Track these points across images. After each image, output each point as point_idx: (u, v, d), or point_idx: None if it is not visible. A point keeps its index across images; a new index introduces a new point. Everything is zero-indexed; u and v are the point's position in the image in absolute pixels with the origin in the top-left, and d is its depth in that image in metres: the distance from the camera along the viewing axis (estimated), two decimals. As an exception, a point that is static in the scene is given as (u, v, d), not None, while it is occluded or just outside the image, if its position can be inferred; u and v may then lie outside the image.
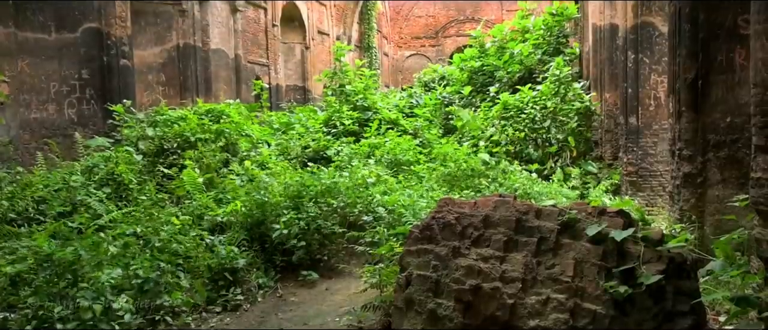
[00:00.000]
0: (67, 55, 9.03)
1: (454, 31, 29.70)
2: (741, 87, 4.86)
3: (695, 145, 5.05)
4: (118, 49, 9.40)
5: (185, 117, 8.52)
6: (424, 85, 17.39)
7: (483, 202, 3.79)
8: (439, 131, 12.17)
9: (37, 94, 8.87)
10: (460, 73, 15.25)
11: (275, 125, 11.31)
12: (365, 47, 23.73)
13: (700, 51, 5.03)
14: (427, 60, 28.63)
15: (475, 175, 7.85)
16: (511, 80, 13.57)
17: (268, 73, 15.92)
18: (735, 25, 4.94)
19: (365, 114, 11.67)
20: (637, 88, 8.60)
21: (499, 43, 15.20)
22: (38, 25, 8.89)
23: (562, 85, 10.79)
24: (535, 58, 13.57)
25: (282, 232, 5.78)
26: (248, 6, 14.77)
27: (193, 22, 12.09)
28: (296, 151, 9.56)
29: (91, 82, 9.12)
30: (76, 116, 9.03)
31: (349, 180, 6.74)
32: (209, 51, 12.50)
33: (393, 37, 29.85)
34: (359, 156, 8.94)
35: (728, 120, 4.94)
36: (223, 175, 7.46)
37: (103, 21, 9.21)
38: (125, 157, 7.11)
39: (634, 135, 8.72)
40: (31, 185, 6.21)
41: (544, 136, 10.18)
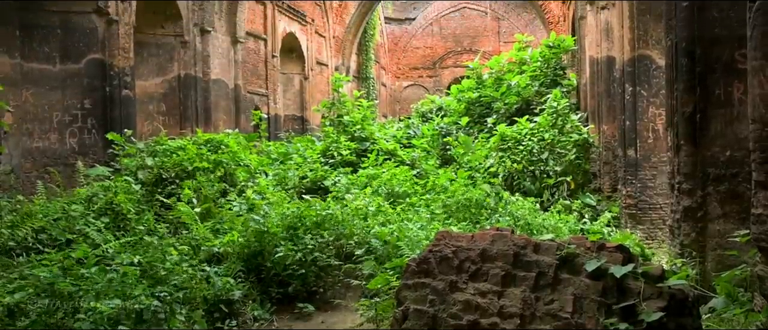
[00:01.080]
0: (70, 86, 9.13)
1: (452, 62, 30.00)
2: (740, 121, 4.89)
3: (695, 178, 5.05)
4: (121, 79, 9.49)
5: (184, 147, 8.54)
6: (421, 116, 17.48)
7: (480, 236, 3.78)
8: (436, 162, 12.19)
9: (39, 124, 8.93)
10: (458, 104, 15.35)
11: (273, 155, 11.33)
12: (363, 78, 23.92)
13: (697, 85, 5.07)
14: (425, 90, 28.85)
15: (473, 206, 7.84)
16: (508, 111, 13.65)
17: (267, 103, 16.01)
18: (732, 59, 5.00)
19: (363, 144, 11.71)
20: (635, 120, 8.64)
21: (497, 74, 15.34)
22: (43, 56, 9.00)
23: (559, 116, 10.86)
24: (533, 90, 13.67)
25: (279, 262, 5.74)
26: (249, 37, 14.93)
27: (194, 53, 12.21)
28: (294, 181, 9.56)
29: (93, 111, 9.20)
30: (78, 145, 9.07)
31: (346, 211, 6.73)
32: (209, 81, 12.60)
33: (391, 68, 30.12)
34: (356, 186, 8.94)
35: (728, 154, 4.96)
36: (221, 205, 7.44)
37: (107, 52, 9.33)
38: (124, 186, 7.10)
39: (632, 167, 8.73)
40: (31, 214, 6.18)
41: (542, 168, 10.19)
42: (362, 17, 22.21)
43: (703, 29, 5.09)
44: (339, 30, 21.44)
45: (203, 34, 12.55)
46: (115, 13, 9.50)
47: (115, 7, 9.50)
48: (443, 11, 30.10)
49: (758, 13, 3.26)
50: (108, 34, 9.43)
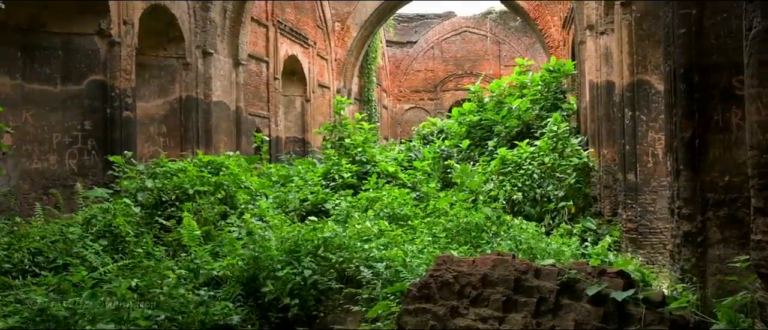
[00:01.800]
0: (71, 107, 9.15)
1: (453, 85, 30.16)
2: (738, 147, 4.90)
3: (694, 203, 5.04)
4: (122, 101, 9.53)
5: (185, 169, 8.54)
6: (422, 139, 17.52)
7: (482, 261, 3.76)
8: (437, 185, 12.19)
9: (39, 145, 8.93)
10: (459, 127, 15.39)
11: (274, 178, 11.33)
12: (365, 100, 24.03)
13: (696, 110, 5.09)
14: (426, 113, 28.95)
15: (474, 229, 7.81)
16: (509, 134, 13.69)
17: (268, 125, 16.06)
18: (730, 85, 5.02)
19: (364, 167, 11.72)
20: (634, 144, 8.66)
21: (498, 97, 15.42)
22: (45, 77, 9.04)
23: (559, 140, 10.88)
24: (533, 113, 13.73)
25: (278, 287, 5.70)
26: (251, 60, 15.03)
27: (196, 75, 12.28)
28: (294, 203, 9.55)
29: (93, 133, 9.21)
30: (77, 167, 9.07)
31: (347, 234, 6.70)
32: (211, 103, 12.65)
33: (392, 91, 30.27)
34: (357, 209, 8.92)
35: (727, 179, 4.96)
36: (221, 228, 7.42)
37: (109, 74, 9.38)
38: (123, 209, 7.09)
39: (632, 191, 8.72)
40: (28, 236, 6.17)
41: (543, 192, 10.19)
42: (364, 40, 22.39)
43: (701, 56, 5.12)
44: (341, 53, 21.60)
45: (205, 56, 12.63)
46: (118, 35, 9.58)
47: (118, 29, 9.58)
48: (444, 35, 30.35)
49: (754, 41, 3.28)
50: (110, 56, 9.49)
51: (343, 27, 21.60)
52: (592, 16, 11.73)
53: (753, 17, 3.37)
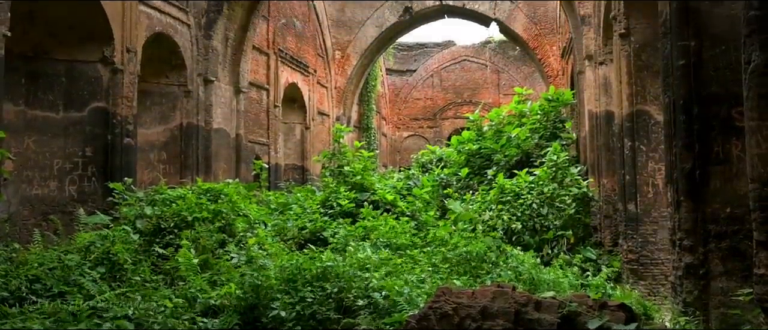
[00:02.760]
0: (72, 133, 9.18)
1: (452, 114, 30.29)
2: (739, 178, 4.90)
3: (696, 235, 5.03)
4: (123, 128, 9.56)
5: (184, 196, 8.53)
6: (421, 166, 17.54)
7: (481, 292, 3.73)
8: (436, 213, 12.16)
9: (40, 171, 8.94)
10: (458, 156, 15.42)
11: (273, 205, 11.30)
12: (364, 128, 24.12)
13: (696, 142, 5.11)
14: (425, 141, 29.03)
15: (474, 259, 7.77)
16: (508, 163, 13.70)
17: (268, 153, 16.09)
18: (729, 117, 5.05)
19: (363, 195, 11.70)
20: (634, 174, 8.66)
21: (497, 126, 15.47)
22: (47, 104, 9.09)
23: (559, 170, 10.90)
24: (532, 143, 13.76)
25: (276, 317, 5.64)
26: (251, 87, 15.12)
27: (197, 102, 12.34)
28: (293, 232, 9.51)
29: (94, 159, 9.22)
30: (77, 193, 9.06)
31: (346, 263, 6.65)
32: (211, 130, 12.69)
33: (392, 118, 30.40)
34: (355, 238, 8.88)
35: (728, 211, 4.95)
36: (219, 256, 7.38)
37: (111, 101, 9.43)
38: (122, 236, 7.06)
39: (633, 222, 8.69)
40: (26, 263, 6.13)
41: (542, 222, 10.16)
42: (364, 69, 22.56)
43: (700, 87, 5.16)
44: (341, 81, 21.75)
45: (207, 83, 12.71)
46: (121, 62, 9.64)
47: (121, 56, 9.66)
48: (444, 63, 30.59)
49: (753, 75, 3.32)
50: (112, 83, 9.54)
51: (344, 55, 21.79)
52: (590, 47, 11.85)
53: (752, 51, 3.41)
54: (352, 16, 21.90)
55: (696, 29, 5.18)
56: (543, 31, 19.91)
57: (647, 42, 8.74)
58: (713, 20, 5.18)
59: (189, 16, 12.12)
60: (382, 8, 21.82)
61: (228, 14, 13.32)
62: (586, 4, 12.02)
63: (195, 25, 12.35)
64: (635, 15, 8.73)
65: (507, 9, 20.60)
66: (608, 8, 9.78)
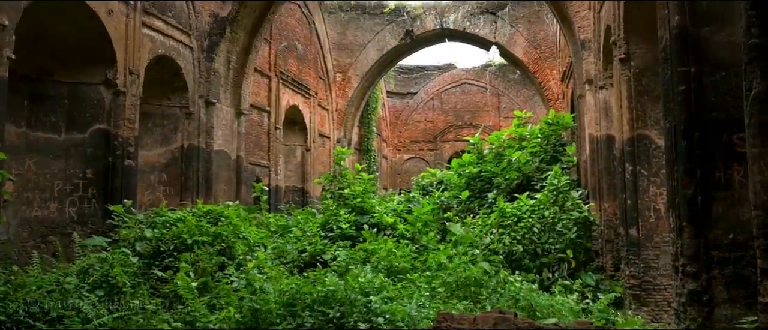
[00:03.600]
0: (74, 155, 9.19)
1: (453, 136, 30.35)
2: (741, 204, 4.88)
3: (699, 261, 4.99)
4: (124, 149, 9.57)
5: (184, 218, 8.51)
6: (422, 189, 17.50)
7: (483, 319, 3.70)
8: (436, 236, 12.10)
9: (40, 192, 8.93)
10: (458, 179, 15.40)
11: (273, 228, 11.27)
12: (365, 150, 24.16)
13: (697, 167, 5.09)
14: (426, 164, 29.04)
15: (473, 284, 7.72)
16: (509, 187, 13.68)
17: (268, 175, 16.09)
18: (731, 142, 5.04)
19: (363, 218, 11.66)
20: (635, 199, 8.63)
21: (497, 149, 15.48)
22: (49, 126, 9.12)
23: (560, 194, 10.88)
24: (533, 166, 13.76)
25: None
26: (253, 109, 15.18)
27: (198, 124, 12.37)
28: (293, 254, 9.47)
29: (94, 181, 9.22)
30: (77, 215, 9.04)
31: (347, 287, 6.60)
32: (212, 152, 12.71)
33: (392, 141, 30.46)
34: (355, 261, 8.83)
35: (731, 237, 4.92)
36: (219, 279, 7.33)
37: (112, 122, 9.46)
38: (121, 258, 7.02)
39: (635, 247, 8.64)
40: (24, 286, 6.09)
41: (543, 246, 10.11)
42: (365, 91, 22.68)
43: (701, 112, 5.16)
44: (342, 103, 21.84)
45: (208, 105, 12.76)
46: (123, 84, 9.69)
47: (124, 78, 9.71)
48: (444, 86, 30.74)
49: (755, 102, 3.32)
50: (114, 105, 9.58)
51: (345, 78, 21.92)
52: (591, 71, 11.90)
53: (752, 78, 3.42)
54: (354, 39, 22.08)
55: (696, 55, 5.20)
56: (543, 55, 20.06)
57: (647, 67, 8.77)
58: (713, 46, 5.20)
59: (192, 38, 12.22)
60: (383, 32, 22.01)
61: (230, 37, 13.43)
62: (585, 28, 12.10)
63: (197, 47, 12.44)
64: (635, 40, 8.78)
65: (507, 33, 20.78)
66: (608, 33, 9.85)
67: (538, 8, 20.23)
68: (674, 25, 5.36)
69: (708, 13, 5.22)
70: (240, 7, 13.34)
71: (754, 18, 3.36)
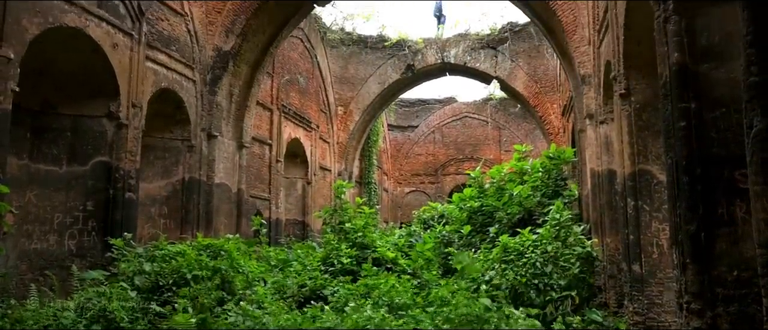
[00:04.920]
0: (75, 187, 9.19)
1: (454, 170, 30.37)
2: (744, 241, 4.84)
3: (703, 299, 4.93)
4: (125, 182, 9.57)
5: (183, 252, 8.46)
6: (423, 223, 17.43)
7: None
8: (438, 271, 12.00)
9: (40, 225, 8.90)
10: (460, 213, 15.33)
11: (273, 262, 11.19)
12: (365, 183, 24.15)
13: (700, 203, 5.06)
14: (427, 197, 29.00)
15: (476, 321, 7.61)
16: (510, 221, 13.61)
17: (269, 208, 16.05)
18: (732, 178, 5.02)
19: (364, 252, 11.59)
20: (638, 234, 8.56)
21: (498, 183, 15.45)
22: (51, 158, 9.13)
23: (562, 228, 10.81)
24: (534, 200, 13.71)
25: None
26: (254, 142, 15.23)
27: (200, 156, 12.40)
28: (293, 289, 9.38)
29: (94, 213, 9.20)
30: (76, 247, 8.99)
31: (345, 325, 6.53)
32: (213, 185, 12.70)
33: (393, 174, 30.47)
34: (356, 297, 8.74)
35: (735, 273, 4.87)
36: (217, 315, 7.25)
37: (114, 155, 9.48)
38: (119, 293, 6.96)
39: (638, 283, 8.54)
40: (21, 320, 6.03)
41: (546, 282, 10.01)
42: (366, 124, 22.79)
43: (702, 148, 5.16)
44: (343, 136, 21.93)
45: (210, 138, 12.81)
46: (126, 117, 9.75)
47: (126, 111, 9.77)
48: (445, 120, 30.88)
49: (756, 139, 3.32)
50: (116, 138, 9.62)
51: (346, 111, 22.05)
52: (591, 106, 11.95)
53: (753, 116, 3.42)
54: (355, 72, 22.29)
55: (696, 92, 5.23)
56: (543, 89, 20.20)
57: (648, 102, 8.80)
58: (713, 83, 5.22)
59: (195, 72, 12.33)
60: (384, 65, 22.23)
61: (233, 71, 13.55)
62: (586, 64, 12.19)
63: (200, 80, 12.55)
64: (635, 76, 8.83)
65: (508, 67, 20.96)
66: (608, 68, 9.92)
67: (538, 43, 20.45)
68: (674, 61, 5.40)
69: (707, 50, 5.26)
70: (243, 41, 13.49)
71: (753, 56, 3.38)
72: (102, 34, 9.16)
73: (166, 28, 11.44)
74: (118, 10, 9.57)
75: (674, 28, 5.39)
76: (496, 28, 21.61)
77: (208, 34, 12.93)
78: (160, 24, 11.18)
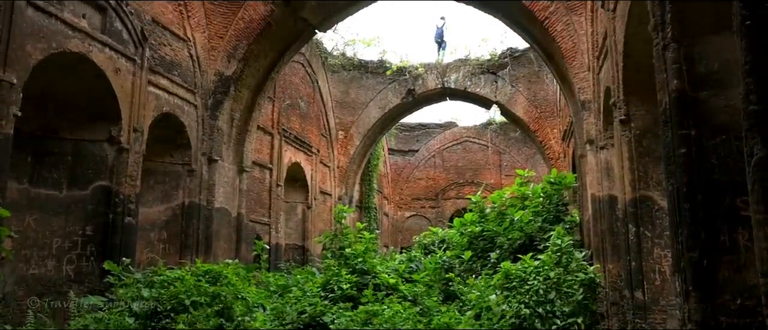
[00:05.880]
0: (74, 212, 9.16)
1: (454, 194, 30.30)
2: (747, 269, 4.80)
3: (707, 327, 4.87)
4: (125, 206, 9.55)
5: (182, 278, 8.41)
6: (423, 248, 17.33)
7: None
8: (439, 297, 11.90)
9: (38, 250, 8.85)
10: (461, 238, 15.26)
11: (272, 287, 11.10)
12: (366, 207, 24.08)
13: (702, 230, 5.03)
14: (427, 221, 28.90)
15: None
16: (511, 247, 13.53)
17: (268, 232, 15.99)
18: (734, 205, 5.00)
19: (364, 278, 11.50)
20: (640, 261, 8.50)
21: (499, 208, 15.40)
22: (51, 183, 9.12)
23: (564, 254, 10.74)
24: (536, 226, 13.65)
25: None
26: (255, 167, 15.23)
27: (200, 181, 12.38)
28: (292, 316, 9.28)
29: (93, 238, 9.16)
30: (74, 273, 8.93)
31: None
32: (213, 209, 12.66)
33: (393, 198, 30.40)
34: (357, 324, 8.66)
35: (738, 302, 4.82)
36: (216, 341, 7.18)
37: (115, 179, 9.47)
38: (117, 319, 6.89)
39: (641, 310, 8.45)
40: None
41: (549, 309, 9.92)
42: (366, 148, 22.82)
43: (703, 175, 5.15)
44: (343, 160, 21.94)
45: (210, 162, 12.81)
46: (127, 141, 9.77)
47: (128, 136, 9.79)
48: (446, 144, 30.91)
49: (757, 168, 3.31)
50: (117, 162, 9.62)
51: (347, 135, 22.10)
52: (591, 131, 11.96)
53: (753, 145, 3.42)
54: (356, 97, 22.39)
55: (696, 119, 5.23)
56: (543, 114, 20.26)
57: (648, 128, 8.81)
58: (712, 110, 5.23)
59: (196, 96, 12.39)
60: (385, 90, 22.34)
61: (234, 95, 13.61)
62: (585, 90, 12.24)
63: (201, 105, 12.60)
64: (635, 102, 8.86)
65: (508, 92, 21.05)
66: (608, 94, 9.95)
67: (538, 68, 20.57)
68: (673, 88, 5.41)
69: (706, 77, 5.28)
70: (245, 66, 13.57)
71: (752, 85, 3.39)
72: (105, 59, 9.23)
73: (169, 53, 11.52)
74: (121, 35, 9.65)
75: (673, 55, 5.42)
76: (496, 53, 21.76)
77: (210, 59, 13.02)
78: (162, 49, 11.27)
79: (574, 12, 12.39)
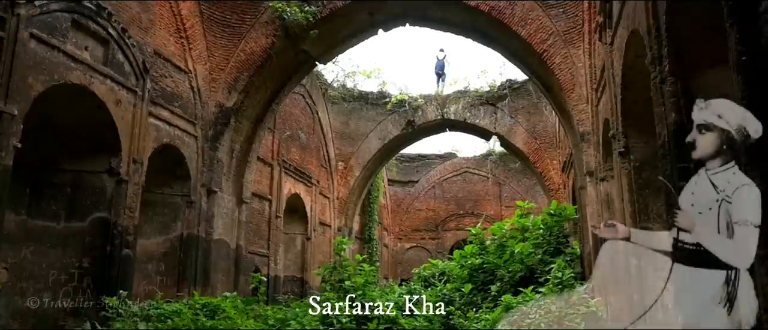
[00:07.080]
0: (71, 244, 9.10)
1: (454, 225, 30.17)
2: (754, 303, 4.75)
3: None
4: (123, 238, 9.49)
5: (179, 311, 8.31)
6: (423, 281, 17.16)
7: None
8: (440, 330, 11.74)
9: (34, 282, 8.76)
10: (461, 270, 15.13)
11: (270, 321, 10.96)
12: (366, 238, 23.96)
13: (703, 265, 5.00)
14: (427, 253, 28.72)
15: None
16: (512, 279, 13.40)
17: (267, 264, 15.88)
18: (735, 240, 4.97)
19: (363, 311, 11.35)
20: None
21: (499, 240, 15.30)
22: (50, 214, 9.08)
23: (565, 287, 10.64)
24: (536, 258, 13.54)
25: None
26: (254, 198, 15.19)
27: (199, 212, 12.33)
28: (290, 350, 9.15)
29: (90, 270, 9.08)
30: (70, 306, 8.82)
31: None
32: (211, 241, 12.58)
33: (393, 229, 30.27)
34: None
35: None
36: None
37: (113, 211, 9.43)
38: (112, 354, 6.79)
39: (643, 344, 8.34)
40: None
41: (552, 342, 9.78)
42: (366, 179, 22.81)
43: (703, 209, 5.13)
44: (343, 191, 21.91)
45: (210, 194, 12.77)
46: (126, 173, 9.75)
47: (127, 167, 9.78)
48: (446, 175, 30.91)
49: (757, 202, 3.30)
50: (116, 193, 9.58)
51: (347, 166, 22.11)
52: (591, 163, 11.97)
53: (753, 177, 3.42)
54: (356, 128, 22.48)
55: (695, 152, 5.22)
56: (543, 145, 20.30)
57: (647, 160, 8.80)
58: (711, 143, 5.23)
59: (197, 127, 12.43)
60: (385, 121, 22.44)
61: (235, 126, 13.66)
62: (584, 121, 12.29)
63: (202, 136, 12.63)
64: (633, 134, 8.87)
65: (507, 123, 21.14)
66: (607, 126, 9.98)
67: (537, 100, 20.68)
68: (671, 121, 5.44)
69: (704, 111, 5.29)
70: (245, 97, 13.65)
71: (750, 120, 3.40)
72: (106, 90, 9.28)
73: (170, 84, 11.60)
74: (123, 67, 9.72)
75: (671, 89, 5.46)
76: (495, 85, 21.91)
77: (211, 91, 13.10)
78: (163, 81, 11.34)
79: (572, 45, 12.51)
